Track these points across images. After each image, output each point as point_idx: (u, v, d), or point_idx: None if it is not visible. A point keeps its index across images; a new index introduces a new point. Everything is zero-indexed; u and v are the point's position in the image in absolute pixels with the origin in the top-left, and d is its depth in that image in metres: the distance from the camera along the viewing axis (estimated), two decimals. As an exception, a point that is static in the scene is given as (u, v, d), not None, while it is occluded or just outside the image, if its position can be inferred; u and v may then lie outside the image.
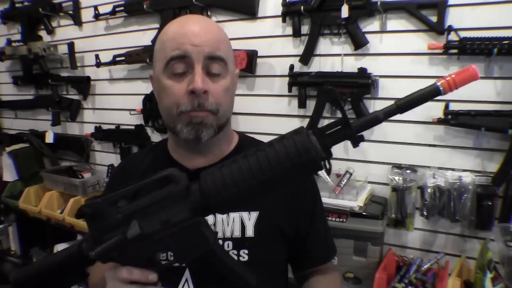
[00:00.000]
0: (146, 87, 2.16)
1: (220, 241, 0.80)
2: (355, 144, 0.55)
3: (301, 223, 0.86)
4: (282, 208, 0.84)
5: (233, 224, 0.81)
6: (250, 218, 0.82)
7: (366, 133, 1.84)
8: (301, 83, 1.69)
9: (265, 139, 0.91)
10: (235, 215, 0.82)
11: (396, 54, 1.55)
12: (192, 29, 0.75)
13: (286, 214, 0.84)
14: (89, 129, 2.43)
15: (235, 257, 0.81)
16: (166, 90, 0.77)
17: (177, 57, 0.74)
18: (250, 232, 0.81)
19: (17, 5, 2.59)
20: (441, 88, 0.54)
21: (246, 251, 0.80)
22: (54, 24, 2.49)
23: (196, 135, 0.76)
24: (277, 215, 0.84)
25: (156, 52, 0.80)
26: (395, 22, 1.53)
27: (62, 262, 0.70)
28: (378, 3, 1.50)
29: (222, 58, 0.77)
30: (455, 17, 1.42)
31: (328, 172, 0.58)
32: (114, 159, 2.38)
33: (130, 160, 1.02)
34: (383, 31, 1.56)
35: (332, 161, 1.84)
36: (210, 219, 0.81)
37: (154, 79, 0.82)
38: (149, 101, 2.12)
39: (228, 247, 0.81)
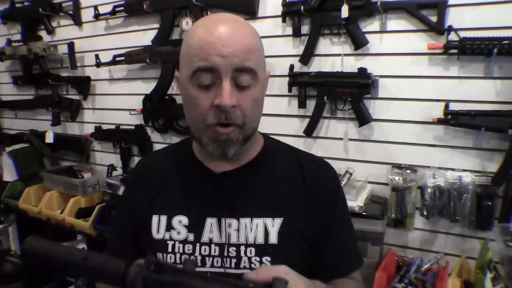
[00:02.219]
0: (146, 87, 2.16)
1: (243, 247, 0.79)
2: None
3: (320, 230, 0.83)
4: (305, 215, 0.82)
5: (256, 230, 0.79)
6: (274, 225, 0.79)
7: (365, 133, 1.83)
8: (301, 83, 1.69)
9: (265, 139, 0.92)
10: (258, 221, 0.79)
11: (396, 54, 1.55)
12: (220, 37, 0.70)
13: (308, 221, 0.82)
14: (89, 129, 2.43)
15: (258, 264, 0.77)
16: (192, 100, 0.74)
17: (204, 68, 0.71)
18: (273, 239, 0.78)
19: (17, 5, 2.59)
20: None
21: (269, 258, 0.78)
22: (54, 24, 2.49)
23: (223, 152, 0.75)
24: (301, 223, 0.81)
25: (183, 55, 0.77)
26: (395, 22, 1.53)
27: (96, 270, 0.58)
28: (378, 3, 1.50)
29: (252, 69, 0.72)
30: (455, 17, 1.42)
31: None
32: (114, 159, 2.38)
33: (150, 161, 0.98)
34: (383, 31, 1.56)
35: (332, 161, 1.84)
36: (234, 224, 0.79)
37: (181, 83, 0.79)
38: (149, 101, 2.12)
39: (250, 253, 0.78)
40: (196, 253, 0.79)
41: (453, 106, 1.44)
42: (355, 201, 1.48)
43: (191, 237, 0.80)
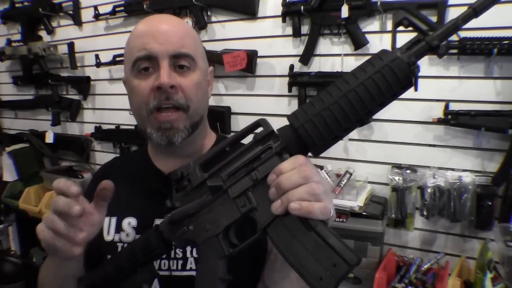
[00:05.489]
0: (146, 87, 2.16)
1: (189, 248, 0.77)
2: (440, 55, 0.54)
3: None
4: None
5: None
6: None
7: (366, 133, 1.82)
8: (301, 83, 1.69)
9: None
10: None
11: (396, 54, 1.55)
12: (156, 28, 0.74)
13: None
14: (89, 129, 2.43)
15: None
16: (134, 90, 0.76)
17: (143, 57, 0.73)
18: None
19: (17, 5, 2.59)
20: None
21: None
22: (54, 24, 2.49)
23: (168, 140, 0.74)
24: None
25: (125, 54, 0.79)
26: (395, 22, 1.53)
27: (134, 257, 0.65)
28: (378, 3, 1.50)
29: (188, 54, 0.75)
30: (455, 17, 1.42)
31: (415, 86, 0.55)
32: (114, 159, 2.38)
33: (112, 162, 0.98)
34: (383, 31, 1.56)
35: (332, 161, 1.83)
36: None
37: (126, 80, 0.80)
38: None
39: (196, 253, 0.76)
40: None
41: (453, 106, 1.44)
42: (355, 201, 1.48)
43: None
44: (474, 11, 0.52)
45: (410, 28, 0.56)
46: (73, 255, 0.61)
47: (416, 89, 0.55)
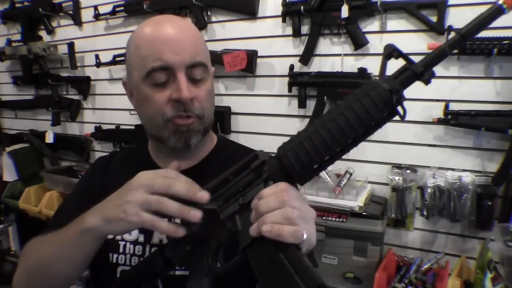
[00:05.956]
0: (146, 87, 2.16)
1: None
2: (427, 81, 0.54)
3: None
4: None
5: None
6: None
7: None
8: (301, 83, 1.69)
9: (265, 139, 0.92)
10: None
11: (396, 54, 1.55)
12: (170, 34, 0.73)
13: None
14: (89, 129, 2.43)
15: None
16: (148, 99, 0.75)
17: (159, 68, 0.72)
18: None
19: (17, 5, 2.59)
20: (504, 6, 0.51)
21: None
22: (54, 24, 2.49)
23: (186, 143, 0.77)
24: None
25: (132, 57, 0.77)
26: (395, 22, 1.53)
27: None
28: (378, 3, 1.50)
29: (203, 63, 0.76)
30: (455, 17, 1.42)
31: (402, 117, 0.56)
32: (114, 159, 2.38)
33: (111, 156, 0.97)
34: (383, 31, 1.56)
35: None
36: None
37: (132, 86, 0.79)
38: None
39: None
40: (146, 254, 0.78)
41: (453, 106, 1.44)
42: (355, 201, 1.48)
43: (141, 238, 0.80)
44: (462, 37, 0.53)
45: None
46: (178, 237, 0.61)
47: (402, 118, 0.56)
